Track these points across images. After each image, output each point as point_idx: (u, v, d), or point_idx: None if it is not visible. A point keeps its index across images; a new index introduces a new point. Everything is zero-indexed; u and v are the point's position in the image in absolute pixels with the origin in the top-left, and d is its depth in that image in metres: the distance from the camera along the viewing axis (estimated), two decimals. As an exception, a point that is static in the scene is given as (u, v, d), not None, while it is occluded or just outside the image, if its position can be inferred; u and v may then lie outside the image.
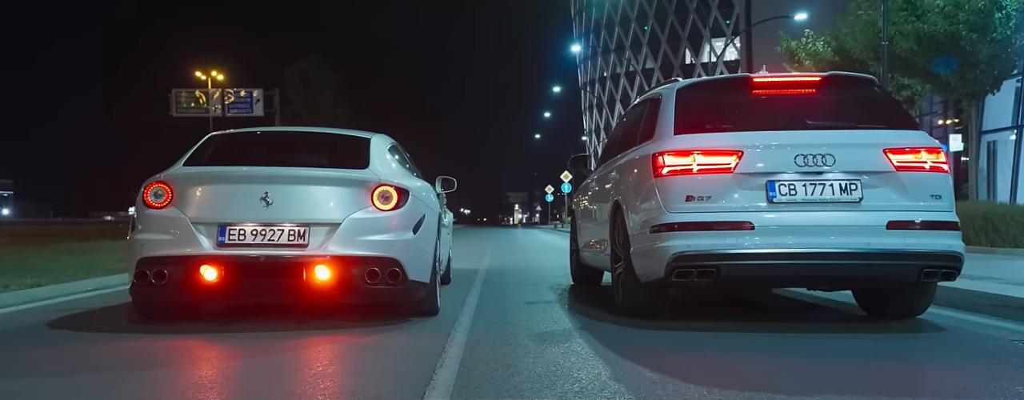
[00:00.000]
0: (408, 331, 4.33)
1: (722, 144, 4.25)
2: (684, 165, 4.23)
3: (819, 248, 4.07)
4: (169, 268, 4.21)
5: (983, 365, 3.30)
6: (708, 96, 4.90)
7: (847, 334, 4.34)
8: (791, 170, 4.15)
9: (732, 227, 4.10)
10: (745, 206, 4.14)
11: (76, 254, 10.10)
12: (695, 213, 4.16)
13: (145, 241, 4.33)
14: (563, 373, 3.12)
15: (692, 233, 4.14)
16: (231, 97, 37.11)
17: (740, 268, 4.14)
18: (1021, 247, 9.58)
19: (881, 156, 4.17)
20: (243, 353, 3.74)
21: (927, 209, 4.15)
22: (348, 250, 4.26)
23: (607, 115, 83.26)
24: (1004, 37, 12.26)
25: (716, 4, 73.07)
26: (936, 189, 4.20)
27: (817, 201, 4.12)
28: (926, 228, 4.11)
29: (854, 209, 4.11)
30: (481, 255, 12.58)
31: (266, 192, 4.31)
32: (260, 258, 4.23)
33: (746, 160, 4.17)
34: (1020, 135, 19.52)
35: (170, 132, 34.60)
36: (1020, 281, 5.76)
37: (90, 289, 6.43)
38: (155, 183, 4.44)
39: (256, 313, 4.89)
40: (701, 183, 4.19)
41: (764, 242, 4.08)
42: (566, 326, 4.47)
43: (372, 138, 5.04)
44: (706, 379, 3.03)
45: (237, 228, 4.27)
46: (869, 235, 4.06)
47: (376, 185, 4.45)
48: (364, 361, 3.55)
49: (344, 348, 3.87)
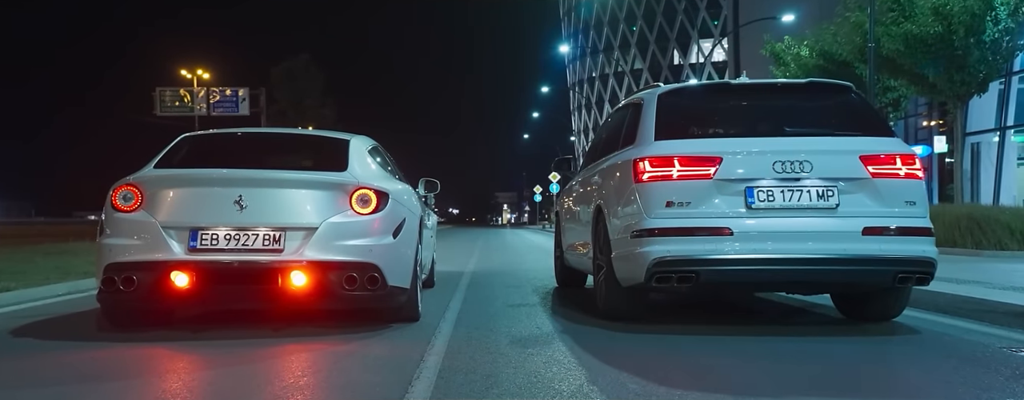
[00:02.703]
0: (387, 338, 4.21)
1: (702, 150, 4.27)
2: (664, 171, 4.24)
3: (797, 254, 4.10)
4: (138, 274, 4.06)
5: (970, 372, 3.24)
6: (689, 102, 4.91)
7: (825, 337, 4.34)
8: (769, 176, 4.17)
9: (711, 233, 4.12)
10: (724, 212, 4.16)
11: (52, 256, 9.89)
12: (675, 219, 4.18)
13: (113, 246, 4.17)
14: (544, 384, 3.07)
15: (672, 238, 4.15)
16: (216, 96, 36.80)
17: (719, 273, 4.17)
18: (1007, 249, 9.59)
19: (857, 163, 4.21)
20: (215, 362, 3.62)
21: (902, 215, 4.20)
22: (325, 255, 4.12)
23: (596, 115, 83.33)
24: (993, 39, 12.30)
25: (704, 5, 73.32)
26: (910, 196, 4.25)
27: (795, 207, 4.16)
28: (901, 234, 4.16)
29: (831, 215, 4.15)
30: (468, 257, 12.50)
31: (240, 195, 4.15)
32: (234, 264, 4.08)
33: (725, 166, 4.19)
34: (1003, 137, 19.67)
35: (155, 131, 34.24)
36: (1006, 285, 5.72)
37: (62, 293, 6.26)
38: (124, 186, 4.27)
39: (230, 320, 4.75)
40: (681, 189, 4.20)
41: (743, 248, 4.10)
42: (549, 331, 4.44)
43: (351, 139, 4.89)
44: (687, 383, 3.05)
45: (210, 233, 4.12)
46: (845, 241, 4.11)
47: (355, 188, 4.30)
48: (339, 371, 3.42)
49: (319, 357, 3.75)
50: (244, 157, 4.73)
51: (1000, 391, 2.96)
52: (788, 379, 3.20)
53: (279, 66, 38.95)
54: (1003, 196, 18.90)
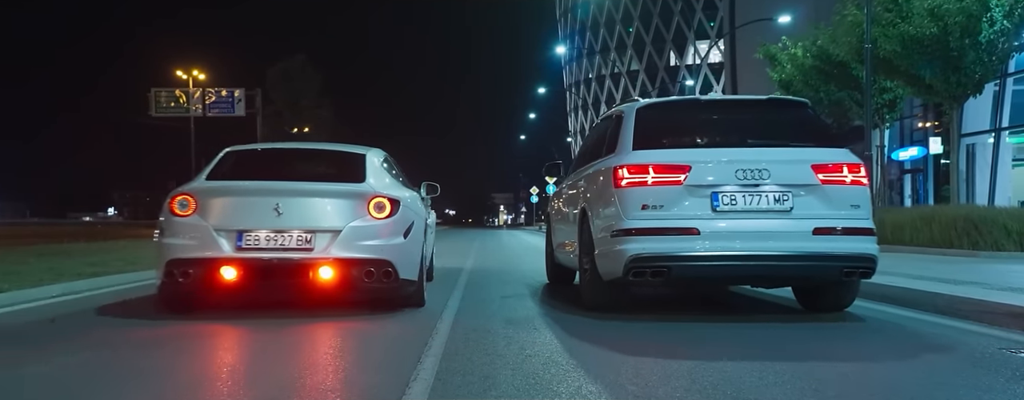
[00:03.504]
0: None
1: (673, 160, 4.75)
2: (640, 178, 4.73)
3: (756, 251, 4.64)
4: (193, 268, 4.80)
5: (970, 374, 3.23)
6: (663, 115, 5.43)
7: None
8: (732, 183, 4.66)
9: (681, 233, 4.62)
10: (693, 214, 4.65)
11: (46, 257, 9.83)
12: (649, 220, 4.66)
13: (173, 245, 4.89)
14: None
15: (647, 238, 4.64)
16: (212, 97, 36.69)
17: (688, 269, 4.68)
18: (1003, 250, 9.59)
19: (809, 171, 4.71)
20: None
21: (847, 217, 4.70)
22: (348, 253, 4.85)
23: (592, 116, 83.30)
24: (988, 40, 12.31)
25: (700, 6, 73.41)
26: (855, 200, 4.75)
27: (754, 210, 4.66)
28: (846, 234, 4.67)
29: (786, 217, 4.66)
30: (465, 258, 12.52)
31: (277, 203, 4.89)
32: (273, 260, 4.83)
33: (694, 174, 4.68)
34: (998, 138, 19.72)
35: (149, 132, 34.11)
36: (1003, 286, 5.72)
37: (56, 295, 6.21)
38: (181, 195, 4.99)
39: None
40: (655, 194, 4.69)
41: (708, 246, 4.61)
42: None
43: (367, 153, 5.62)
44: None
45: (253, 234, 4.84)
46: (798, 240, 4.61)
47: (371, 197, 5.02)
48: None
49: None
50: (278, 169, 5.57)
51: (1002, 392, 2.95)
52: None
53: (275, 67, 38.80)
54: (998, 197, 18.94)
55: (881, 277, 6.49)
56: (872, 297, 5.91)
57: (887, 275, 6.75)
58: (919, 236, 10.80)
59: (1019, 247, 9.67)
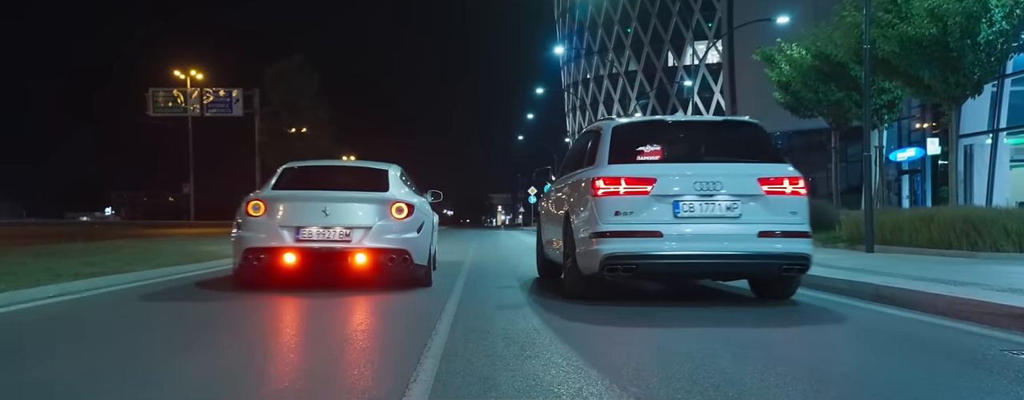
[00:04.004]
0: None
1: (642, 173, 5.52)
2: (614, 188, 5.48)
3: (710, 251, 5.42)
4: (264, 254, 6.39)
5: (973, 376, 3.22)
6: (634, 133, 6.22)
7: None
8: (691, 193, 5.43)
9: (647, 235, 5.38)
10: (657, 220, 5.40)
11: (43, 257, 9.78)
12: (621, 224, 5.41)
13: (248, 237, 6.47)
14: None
15: (618, 239, 5.40)
16: (210, 97, 36.64)
17: (653, 266, 5.51)
18: (1003, 251, 9.58)
19: (755, 183, 5.46)
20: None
21: (786, 223, 5.45)
22: (377, 244, 6.44)
23: (590, 117, 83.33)
24: (987, 41, 12.29)
25: (698, 7, 73.44)
26: (794, 208, 5.50)
27: (709, 216, 5.40)
28: (785, 236, 5.42)
29: (735, 222, 5.41)
30: (464, 255, 12.62)
31: (325, 207, 6.47)
32: (322, 249, 6.39)
33: (659, 185, 5.44)
34: (995, 139, 19.74)
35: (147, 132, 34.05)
36: (1004, 287, 5.71)
37: (53, 295, 6.17)
38: (253, 200, 6.61)
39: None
40: (626, 202, 5.45)
41: (670, 246, 5.39)
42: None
43: (388, 169, 7.37)
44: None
45: (307, 229, 6.43)
46: (745, 242, 5.38)
47: (393, 202, 6.64)
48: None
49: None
50: (324, 181, 7.17)
51: (1005, 394, 2.93)
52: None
53: (273, 67, 38.68)
54: (996, 198, 18.95)
55: (881, 278, 6.50)
56: (873, 298, 5.90)
57: (887, 276, 6.75)
58: (918, 237, 10.79)
59: (1018, 248, 9.66)
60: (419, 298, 6.23)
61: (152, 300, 6.25)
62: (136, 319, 5.28)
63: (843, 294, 6.29)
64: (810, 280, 7.07)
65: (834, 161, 21.69)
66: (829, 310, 5.55)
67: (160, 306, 6.00)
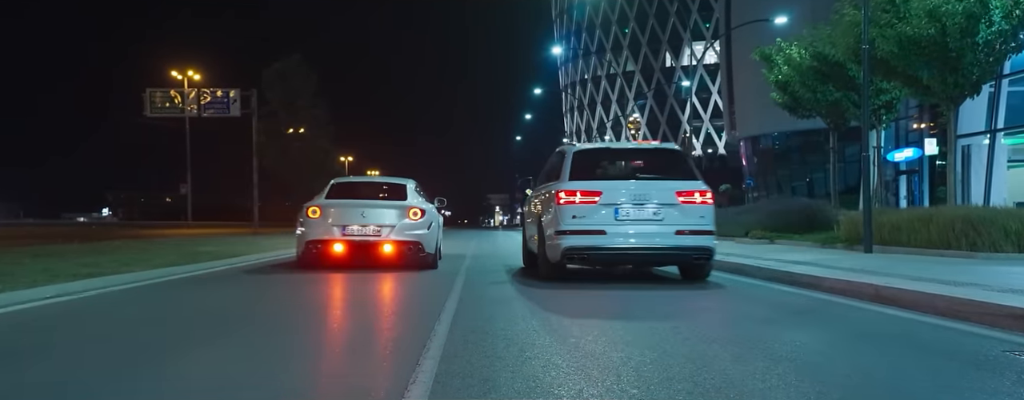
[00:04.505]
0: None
1: (592, 187, 7.40)
2: (572, 198, 7.34)
3: (640, 245, 7.30)
4: (320, 244, 9.05)
5: (975, 377, 3.20)
6: (590, 155, 8.28)
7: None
8: (628, 202, 7.31)
9: (594, 233, 7.26)
10: (602, 222, 7.27)
11: (41, 258, 9.75)
12: (576, 225, 7.27)
13: (309, 232, 9.09)
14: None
15: (574, 236, 7.28)
16: (207, 97, 36.48)
17: (599, 256, 7.46)
18: (1001, 251, 9.57)
19: (674, 195, 7.33)
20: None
21: (696, 224, 7.30)
22: (399, 237, 9.05)
23: (588, 117, 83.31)
24: (986, 41, 12.29)
25: (696, 7, 73.44)
26: (702, 213, 7.36)
27: (640, 219, 7.31)
28: (694, 234, 7.27)
29: (659, 224, 7.29)
30: (465, 250, 12.62)
31: (363, 211, 9.09)
32: (360, 241, 9.01)
33: (604, 196, 7.32)
34: (993, 139, 19.75)
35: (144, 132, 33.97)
36: (1004, 287, 5.70)
37: (50, 296, 6.15)
38: (312, 206, 9.25)
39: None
40: (580, 209, 7.30)
41: (611, 241, 7.27)
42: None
43: (407, 183, 10.05)
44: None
45: (349, 227, 9.04)
46: (666, 238, 7.27)
47: (410, 207, 9.22)
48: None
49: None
50: (361, 192, 9.88)
51: (1008, 395, 2.92)
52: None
53: (271, 67, 38.59)
54: (993, 198, 18.94)
55: (881, 278, 6.49)
56: (873, 299, 5.89)
57: (886, 276, 6.74)
58: (916, 237, 10.79)
59: (1017, 248, 9.66)
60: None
61: (151, 299, 6.19)
62: (134, 319, 5.25)
63: (842, 295, 6.28)
64: (810, 280, 7.06)
65: (832, 161, 21.70)
66: (829, 311, 5.53)
67: (160, 305, 5.97)
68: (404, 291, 7.18)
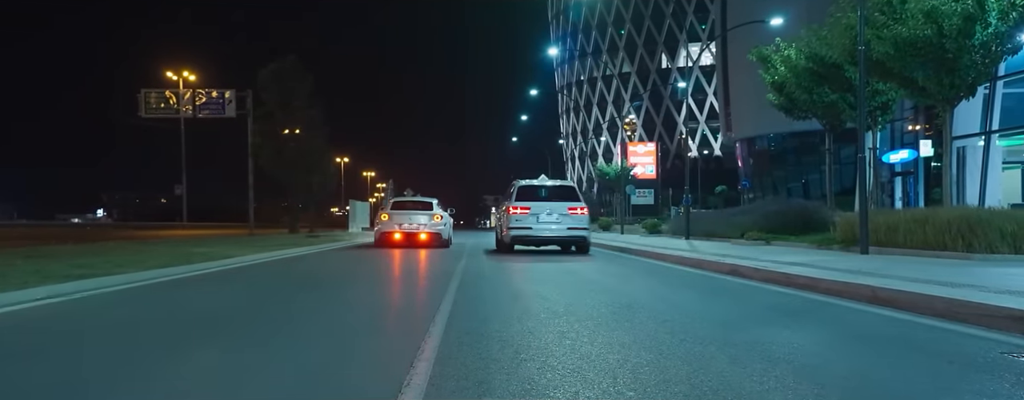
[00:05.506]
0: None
1: (526, 205, 14.95)
2: (515, 211, 14.98)
3: (550, 234, 14.95)
4: (388, 234, 18.63)
5: (975, 379, 3.18)
6: (526, 187, 15.66)
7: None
8: (544, 213, 14.86)
9: (527, 228, 14.89)
10: (530, 223, 14.86)
11: (33, 259, 9.68)
12: (517, 225, 14.91)
13: (382, 227, 18.77)
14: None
15: (517, 230, 14.93)
16: (202, 98, 36.38)
17: (528, 240, 15.06)
18: (998, 252, 9.57)
19: (566, 210, 14.92)
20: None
21: (577, 225, 14.96)
22: (429, 230, 18.56)
23: (584, 118, 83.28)
24: (982, 42, 12.31)
25: (692, 9, 73.50)
26: (582, 219, 15.06)
27: (550, 222, 14.86)
28: (576, 229, 14.96)
29: (558, 224, 14.88)
30: (466, 241, 13.01)
31: (409, 216, 18.73)
32: (410, 232, 18.56)
33: (532, 210, 14.90)
34: (988, 141, 19.80)
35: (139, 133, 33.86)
36: (1001, 289, 5.68)
37: (41, 297, 6.08)
38: (384, 212, 19.35)
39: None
40: (519, 217, 14.91)
41: (536, 233, 14.90)
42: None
43: (433, 200, 19.54)
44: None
45: (404, 224, 18.59)
46: (562, 231, 14.94)
47: (435, 214, 18.83)
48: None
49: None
50: (407, 205, 19.52)
51: (1007, 398, 2.89)
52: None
53: (267, 68, 38.45)
54: (988, 199, 18.99)
55: (877, 279, 6.47)
56: (870, 300, 5.87)
57: (883, 277, 6.72)
58: (913, 238, 10.78)
59: (1013, 249, 9.66)
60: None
61: (143, 300, 6.13)
62: (125, 321, 5.19)
63: (839, 296, 6.26)
64: (806, 282, 7.04)
65: (828, 163, 21.70)
66: (826, 312, 5.51)
67: (152, 306, 5.91)
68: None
